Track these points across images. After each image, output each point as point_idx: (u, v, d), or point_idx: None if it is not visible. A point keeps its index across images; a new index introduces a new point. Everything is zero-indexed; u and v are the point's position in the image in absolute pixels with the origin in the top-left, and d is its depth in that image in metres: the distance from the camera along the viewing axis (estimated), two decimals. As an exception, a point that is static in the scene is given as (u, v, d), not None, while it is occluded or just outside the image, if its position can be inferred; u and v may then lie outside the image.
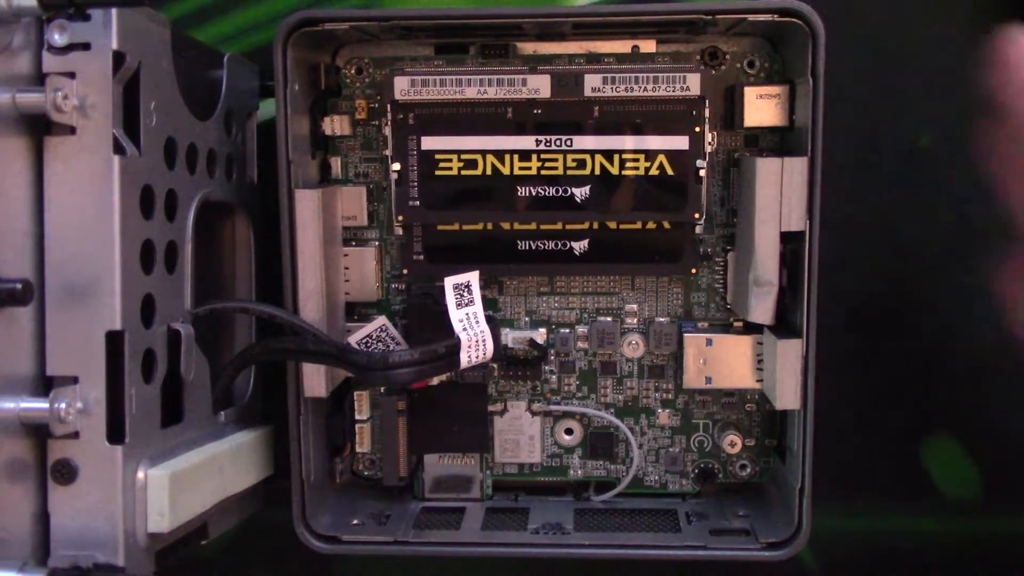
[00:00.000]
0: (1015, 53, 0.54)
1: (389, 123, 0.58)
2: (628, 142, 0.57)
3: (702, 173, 0.57)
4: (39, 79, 0.44)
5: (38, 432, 0.45)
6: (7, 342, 0.44)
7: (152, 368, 0.48)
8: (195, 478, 0.50)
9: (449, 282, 0.56)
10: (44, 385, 0.45)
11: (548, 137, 0.58)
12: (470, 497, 0.63)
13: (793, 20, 0.53)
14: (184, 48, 0.52)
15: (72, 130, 0.44)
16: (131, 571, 0.46)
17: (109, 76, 0.44)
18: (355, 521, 0.60)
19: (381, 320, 0.61)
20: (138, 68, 0.46)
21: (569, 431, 0.63)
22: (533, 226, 0.59)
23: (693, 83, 0.56)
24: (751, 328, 0.59)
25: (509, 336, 0.61)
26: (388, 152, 0.58)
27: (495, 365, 0.61)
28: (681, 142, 0.57)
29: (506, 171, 0.58)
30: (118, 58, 0.45)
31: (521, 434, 0.63)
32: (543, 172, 0.58)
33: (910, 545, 0.66)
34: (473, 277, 0.57)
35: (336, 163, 0.61)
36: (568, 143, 0.57)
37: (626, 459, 0.63)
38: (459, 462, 0.63)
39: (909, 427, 0.65)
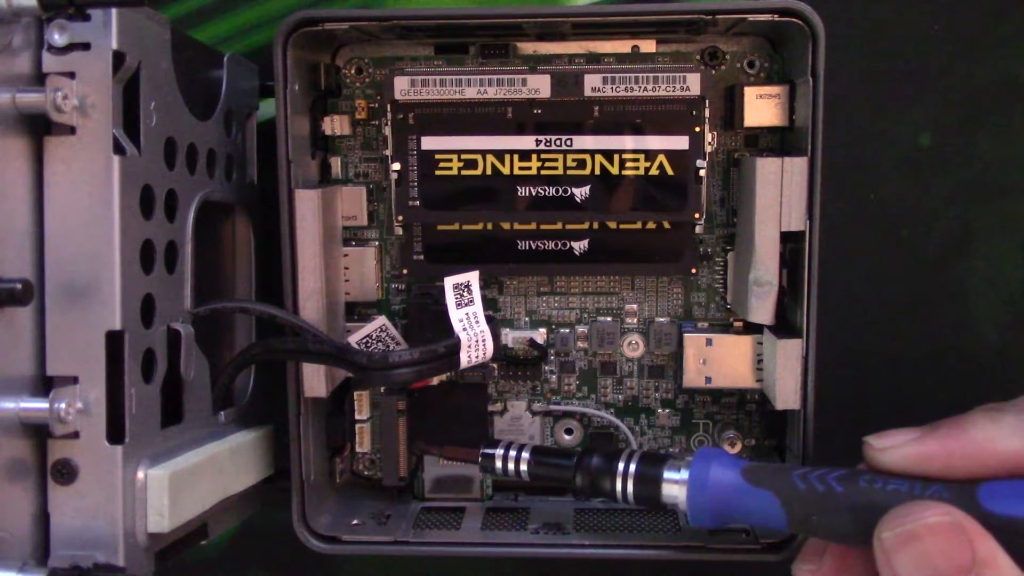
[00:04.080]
0: None
1: (389, 123, 0.58)
2: (628, 142, 0.57)
3: (702, 173, 0.57)
4: (39, 79, 0.44)
5: (38, 432, 0.45)
6: (7, 342, 0.44)
7: (152, 368, 0.48)
8: (195, 478, 0.50)
9: (449, 282, 0.56)
10: (44, 385, 0.45)
11: (548, 137, 0.57)
12: (470, 497, 0.63)
13: (793, 20, 0.53)
14: (184, 48, 0.52)
15: (72, 130, 0.44)
16: (131, 571, 0.46)
17: (109, 76, 0.44)
18: (355, 521, 0.60)
19: (381, 320, 0.61)
20: (138, 68, 0.46)
21: (569, 431, 0.63)
22: (533, 226, 0.59)
23: (693, 83, 0.56)
24: (751, 328, 0.59)
25: (509, 336, 0.61)
26: (388, 152, 0.58)
27: (495, 365, 0.61)
28: (681, 142, 0.57)
29: (506, 171, 0.58)
30: (118, 58, 0.45)
31: (521, 434, 0.63)
32: (543, 172, 0.58)
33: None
34: (473, 277, 0.57)
35: (336, 163, 0.61)
36: (568, 143, 0.57)
37: (626, 459, 0.63)
38: (459, 462, 0.63)
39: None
